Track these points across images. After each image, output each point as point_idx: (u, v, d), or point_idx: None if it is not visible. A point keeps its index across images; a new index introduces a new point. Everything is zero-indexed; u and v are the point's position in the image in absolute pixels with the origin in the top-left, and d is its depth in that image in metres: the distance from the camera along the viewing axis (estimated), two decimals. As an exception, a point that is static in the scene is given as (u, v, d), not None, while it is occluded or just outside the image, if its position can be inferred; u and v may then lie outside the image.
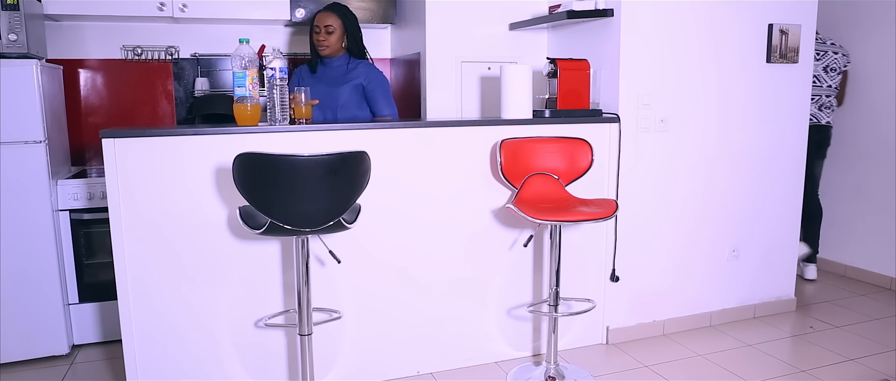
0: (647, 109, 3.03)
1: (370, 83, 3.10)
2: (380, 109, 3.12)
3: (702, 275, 3.31)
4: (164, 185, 2.38)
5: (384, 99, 3.12)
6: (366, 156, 2.05)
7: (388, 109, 3.12)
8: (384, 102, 3.11)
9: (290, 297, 2.59)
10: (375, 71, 3.14)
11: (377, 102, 3.11)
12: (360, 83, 3.10)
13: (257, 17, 3.48)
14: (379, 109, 3.12)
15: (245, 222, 2.08)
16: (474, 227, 2.80)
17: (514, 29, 3.59)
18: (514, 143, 2.70)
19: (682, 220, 3.21)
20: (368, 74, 3.11)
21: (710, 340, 3.17)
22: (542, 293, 2.98)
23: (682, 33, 3.05)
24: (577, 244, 3.00)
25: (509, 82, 2.85)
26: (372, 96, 3.11)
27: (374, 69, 3.15)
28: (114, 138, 2.31)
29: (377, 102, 3.11)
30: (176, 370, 2.50)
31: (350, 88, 3.08)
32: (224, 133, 2.42)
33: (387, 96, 3.13)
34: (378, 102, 3.11)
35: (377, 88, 3.11)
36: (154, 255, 2.41)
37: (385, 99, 3.12)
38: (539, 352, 3.02)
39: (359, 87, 3.10)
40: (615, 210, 2.45)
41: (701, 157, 3.19)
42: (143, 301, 2.42)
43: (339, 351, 2.69)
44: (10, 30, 2.74)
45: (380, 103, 3.11)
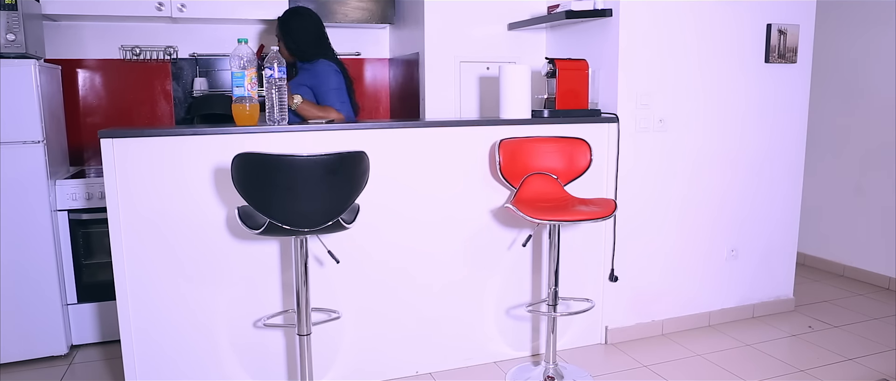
0: (645, 109, 3.03)
1: (316, 82, 3.00)
2: (328, 105, 2.99)
3: (701, 275, 3.31)
4: (163, 185, 2.38)
5: (334, 95, 2.99)
6: (364, 156, 2.05)
7: (338, 106, 2.99)
8: (334, 98, 2.99)
9: (288, 297, 2.59)
10: (325, 69, 3.02)
11: (325, 100, 2.99)
12: (306, 84, 3.01)
13: (255, 17, 3.47)
14: (328, 105, 3.00)
15: (244, 222, 2.08)
16: (473, 227, 2.80)
17: (513, 29, 3.59)
18: (512, 143, 2.70)
19: (680, 220, 3.21)
20: (315, 74, 3.02)
21: (709, 340, 3.17)
22: (541, 293, 2.98)
23: (681, 33, 3.05)
24: (575, 244, 3.00)
25: (508, 82, 2.85)
26: (319, 95, 3.00)
27: (324, 68, 3.03)
28: (112, 138, 2.31)
29: (325, 99, 2.99)
30: (175, 370, 2.50)
31: (294, 90, 2.97)
32: (223, 133, 2.42)
33: (337, 94, 3.01)
34: (326, 99, 2.99)
35: (322, 86, 2.99)
36: (153, 255, 2.40)
37: (335, 96, 3.00)
38: (538, 352, 3.02)
39: (303, 87, 3.00)
40: (614, 210, 2.45)
41: (699, 157, 3.19)
42: (142, 301, 2.42)
43: (337, 351, 2.69)
44: (8, 30, 2.74)
45: (328, 100, 2.99)
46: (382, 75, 4.12)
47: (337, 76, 3.03)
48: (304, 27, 3.06)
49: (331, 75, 3.02)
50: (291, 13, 3.09)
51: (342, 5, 3.66)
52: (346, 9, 3.66)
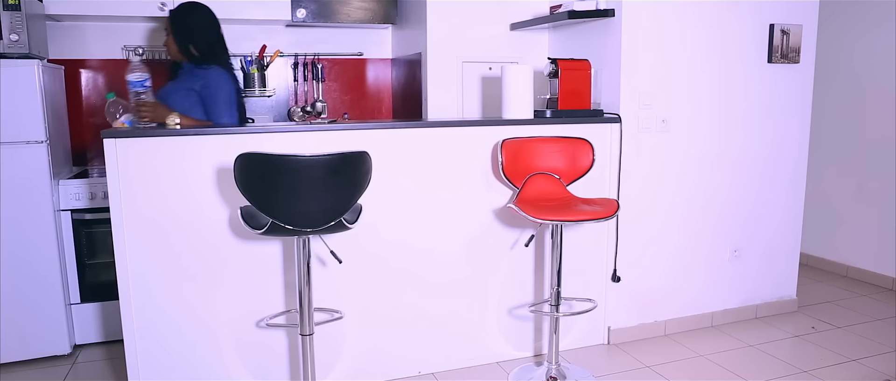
0: (648, 109, 3.03)
1: (205, 89, 2.75)
2: (217, 116, 2.76)
3: (703, 275, 3.31)
4: (166, 185, 2.38)
5: (223, 106, 2.75)
6: (367, 156, 2.05)
7: (227, 116, 2.76)
8: (223, 109, 2.75)
9: (291, 297, 2.59)
10: (216, 77, 2.77)
11: (213, 108, 2.75)
12: (195, 89, 2.77)
13: (258, 17, 3.48)
14: (216, 116, 2.77)
15: (246, 222, 2.08)
16: (475, 227, 2.80)
17: (516, 29, 3.59)
18: (515, 143, 2.70)
19: (683, 220, 3.20)
20: (207, 81, 2.76)
21: (712, 340, 3.17)
22: (544, 293, 2.98)
23: (684, 33, 3.05)
24: (578, 244, 3.00)
25: (510, 82, 2.85)
26: (208, 105, 2.76)
27: (215, 75, 2.78)
28: (115, 138, 2.31)
29: (214, 109, 2.75)
30: (177, 370, 2.50)
31: (182, 94, 2.77)
32: (225, 133, 2.42)
33: (227, 105, 2.76)
34: (215, 109, 2.75)
35: (213, 96, 2.75)
36: (155, 255, 2.41)
37: (224, 106, 2.75)
38: (540, 352, 3.01)
39: (192, 92, 2.76)
40: (616, 210, 2.45)
41: (702, 157, 3.19)
42: (145, 301, 2.43)
43: (340, 351, 2.69)
44: (11, 30, 2.74)
45: (217, 110, 2.75)
46: (385, 76, 4.13)
47: (228, 85, 2.80)
48: (201, 25, 2.82)
49: (223, 85, 2.77)
50: (188, 7, 2.83)
51: (344, 5, 3.66)
52: (348, 9, 3.67)
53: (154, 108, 2.51)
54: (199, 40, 2.79)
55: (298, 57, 3.92)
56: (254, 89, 3.82)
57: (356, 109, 4.10)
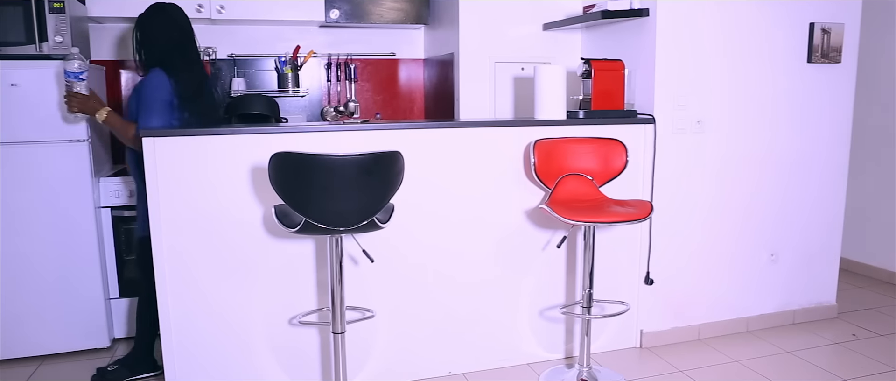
0: (683, 109, 2.98)
1: (141, 91, 2.60)
2: (144, 118, 2.55)
3: (739, 279, 3.25)
4: (202, 183, 2.42)
5: (151, 107, 2.56)
6: (399, 156, 2.06)
7: (154, 119, 2.55)
8: (150, 110, 2.55)
9: (323, 295, 2.62)
10: (149, 79, 2.59)
11: (142, 109, 2.57)
12: (137, 90, 2.63)
13: (292, 17, 3.52)
14: (142, 117, 2.56)
15: (280, 221, 2.10)
16: (507, 227, 2.79)
17: (548, 29, 3.57)
18: (547, 143, 2.69)
19: (718, 222, 3.15)
20: (143, 82, 2.61)
21: (747, 346, 3.11)
22: (575, 295, 2.96)
23: (720, 33, 3.00)
24: (610, 246, 2.97)
25: (543, 83, 2.84)
26: (141, 105, 2.58)
27: (150, 77, 2.59)
28: (154, 138, 2.36)
29: (142, 110, 2.56)
30: (212, 365, 2.54)
31: (133, 99, 2.64)
32: (260, 133, 2.45)
33: (156, 105, 2.56)
34: (143, 110, 2.56)
35: (143, 97, 2.58)
36: (192, 252, 2.45)
37: (152, 107, 2.56)
38: (571, 355, 2.99)
39: (135, 93, 2.64)
40: (650, 212, 2.42)
41: (739, 158, 3.13)
42: (181, 297, 2.47)
43: (371, 350, 2.71)
44: (56, 32, 2.82)
45: (145, 112, 2.55)
46: (417, 76, 4.14)
47: (162, 88, 2.57)
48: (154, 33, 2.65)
49: (155, 86, 2.58)
50: (144, 15, 2.68)
51: (377, 6, 3.68)
52: (381, 9, 3.69)
53: (84, 100, 2.53)
54: (150, 47, 2.64)
55: (331, 57, 3.96)
56: (287, 89, 3.87)
57: (388, 109, 4.13)
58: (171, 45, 2.65)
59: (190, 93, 2.61)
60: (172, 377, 2.51)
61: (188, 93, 2.61)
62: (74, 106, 2.53)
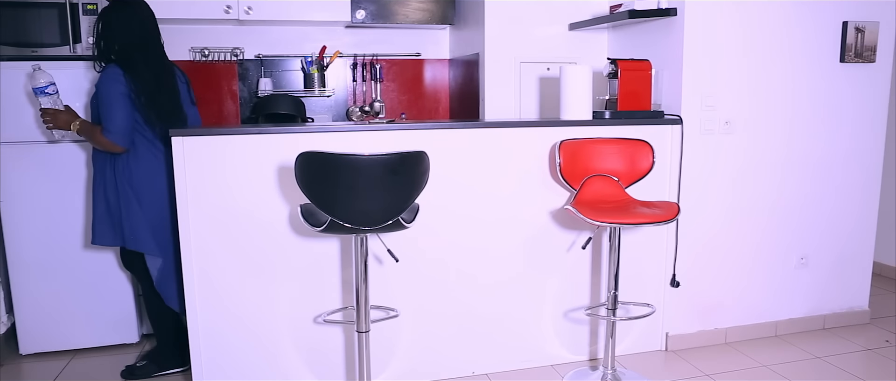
0: (711, 110, 2.95)
1: (98, 90, 2.53)
2: (104, 117, 2.50)
3: (767, 282, 3.19)
4: (229, 182, 2.45)
5: (108, 106, 2.49)
6: (425, 156, 2.06)
7: (113, 118, 2.48)
8: (108, 109, 2.49)
9: (348, 294, 2.63)
10: (104, 77, 2.50)
11: (102, 109, 2.51)
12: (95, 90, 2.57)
13: (318, 18, 3.55)
14: (103, 117, 2.51)
15: (306, 220, 2.12)
16: (532, 228, 2.78)
17: (574, 29, 3.55)
18: (573, 144, 2.67)
19: (747, 225, 3.10)
20: (98, 81, 2.53)
21: (776, 350, 3.06)
22: (600, 297, 2.93)
23: (750, 32, 2.95)
24: (636, 248, 2.94)
25: (569, 83, 2.82)
26: (99, 105, 2.53)
27: (105, 74, 2.51)
28: (182, 137, 2.39)
29: (102, 109, 2.51)
30: (238, 361, 2.57)
31: (94, 99, 2.58)
32: (286, 132, 2.48)
33: (105, 104, 2.49)
34: (103, 109, 2.50)
35: (99, 95, 2.51)
36: (219, 250, 2.48)
37: (109, 105, 2.49)
38: (596, 357, 2.97)
39: (95, 97, 2.57)
40: (677, 213, 2.40)
41: (768, 160, 3.08)
42: (208, 294, 2.51)
43: (394, 350, 2.71)
44: (90, 33, 2.88)
45: (104, 111, 2.50)
46: (442, 76, 4.14)
47: (117, 85, 2.49)
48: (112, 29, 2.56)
49: (104, 84, 2.49)
50: (104, 10, 2.58)
51: (403, 6, 3.69)
52: (406, 10, 3.70)
53: (54, 116, 2.55)
54: (109, 42, 2.56)
55: (357, 57, 3.98)
56: (314, 89, 3.90)
57: (413, 109, 4.14)
58: (130, 42, 2.56)
59: (146, 90, 2.53)
60: (199, 376, 2.54)
61: (145, 90, 2.52)
62: (48, 122, 2.55)
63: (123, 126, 2.49)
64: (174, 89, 2.68)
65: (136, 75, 2.52)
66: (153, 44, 2.64)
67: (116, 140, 2.48)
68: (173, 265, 2.70)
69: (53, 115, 2.54)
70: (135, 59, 2.55)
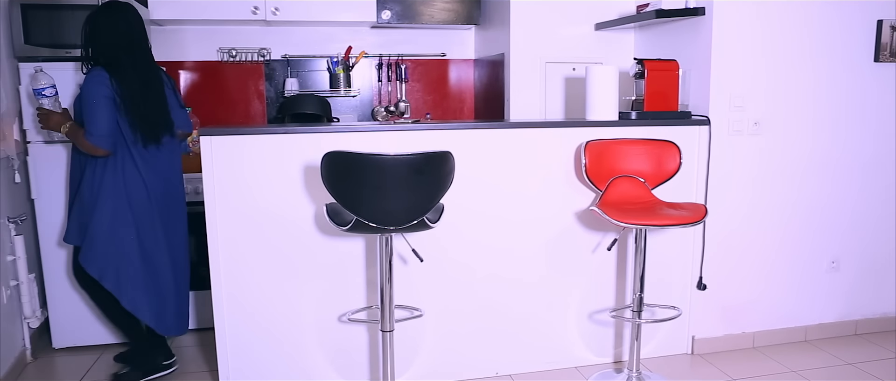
0: (739, 111, 2.90)
1: (82, 92, 2.53)
2: (87, 120, 2.48)
3: (797, 286, 3.14)
4: (256, 181, 2.48)
5: (90, 108, 2.47)
6: (450, 156, 2.06)
7: (95, 121, 2.45)
8: (91, 111, 2.47)
9: (372, 294, 2.64)
10: (88, 79, 2.49)
11: (84, 112, 2.49)
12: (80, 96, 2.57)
13: (344, 19, 3.57)
14: (86, 120, 2.48)
15: (332, 219, 2.14)
16: (557, 229, 2.77)
17: (600, 29, 3.52)
18: (599, 144, 2.65)
19: (776, 227, 3.05)
20: (84, 83, 2.53)
21: (805, 356, 3.00)
22: (625, 299, 2.91)
23: (779, 31, 2.90)
24: (662, 250, 2.91)
25: (595, 83, 2.80)
26: (83, 108, 2.51)
27: (90, 77, 2.50)
28: (211, 136, 2.43)
29: (85, 112, 2.49)
30: (263, 358, 2.60)
31: (77, 102, 2.59)
32: (312, 132, 2.50)
33: (89, 106, 2.47)
34: (85, 112, 2.49)
35: (83, 98, 2.51)
36: (246, 248, 2.51)
37: (92, 108, 2.47)
38: (620, 359, 2.95)
39: (79, 99, 2.57)
40: (704, 215, 2.37)
41: (798, 161, 3.03)
42: (235, 292, 2.54)
43: (418, 349, 2.72)
44: None
45: (86, 113, 2.48)
46: (467, 76, 4.14)
47: (101, 87, 2.47)
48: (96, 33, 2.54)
49: (89, 90, 2.47)
50: (91, 14, 2.57)
51: (428, 6, 3.70)
52: (432, 10, 3.70)
53: (46, 117, 2.57)
54: (96, 45, 2.55)
55: (383, 58, 4.00)
56: (339, 89, 3.92)
57: (438, 109, 4.14)
58: (118, 44, 2.53)
59: (132, 94, 2.50)
60: (226, 374, 2.57)
61: (131, 94, 2.50)
62: (42, 125, 2.59)
63: (106, 130, 2.47)
64: (161, 94, 2.64)
65: (122, 79, 2.50)
66: (140, 47, 2.61)
67: (99, 143, 2.45)
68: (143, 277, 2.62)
69: (46, 115, 2.57)
70: (122, 63, 2.52)
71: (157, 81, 2.65)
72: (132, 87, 2.52)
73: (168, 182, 2.69)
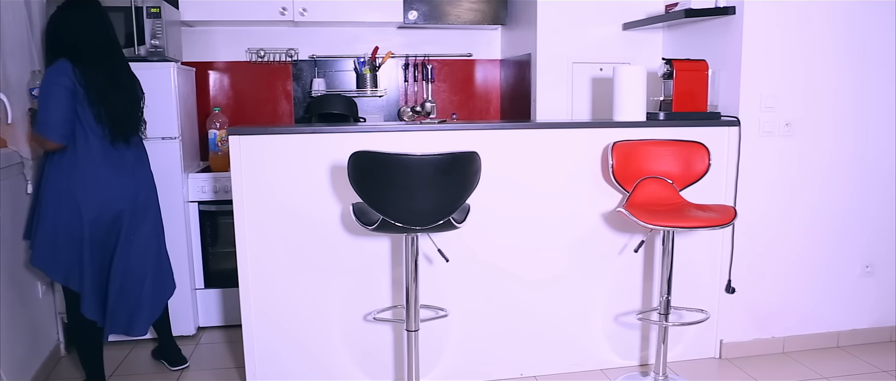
0: (770, 111, 2.86)
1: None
2: (40, 113, 2.40)
3: (829, 291, 3.08)
4: (283, 180, 2.50)
5: (41, 100, 2.39)
6: (476, 156, 2.06)
7: (45, 115, 2.37)
8: (41, 103, 2.39)
9: (398, 293, 2.65)
10: (48, 69, 2.41)
11: (39, 104, 2.42)
12: None
13: (371, 19, 3.59)
14: (40, 112, 2.41)
15: (358, 219, 2.15)
16: (583, 230, 2.75)
17: (628, 29, 3.49)
18: (626, 145, 2.63)
19: (807, 231, 3.00)
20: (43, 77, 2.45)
21: (838, 362, 2.94)
22: (652, 301, 2.88)
23: (812, 30, 2.85)
24: (690, 252, 2.88)
25: (622, 84, 2.78)
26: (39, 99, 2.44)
27: (50, 69, 2.40)
28: (239, 136, 2.46)
29: (39, 104, 2.42)
30: (289, 356, 2.62)
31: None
32: (339, 132, 2.51)
33: (41, 99, 2.40)
34: (40, 104, 2.41)
35: (41, 90, 2.42)
36: (273, 246, 2.54)
37: (42, 100, 2.39)
38: (647, 362, 2.92)
39: None
40: (733, 217, 2.34)
41: (831, 164, 2.97)
42: (262, 290, 2.56)
43: (443, 350, 2.72)
44: (152, 36, 2.98)
45: (40, 105, 2.41)
46: (493, 76, 4.14)
47: (65, 74, 2.37)
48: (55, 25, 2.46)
49: (57, 73, 2.37)
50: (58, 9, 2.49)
51: (455, 7, 3.70)
52: (458, 10, 3.71)
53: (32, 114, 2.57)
54: (59, 38, 2.46)
55: (409, 58, 4.01)
56: (366, 90, 3.94)
57: (464, 109, 4.14)
58: (90, 39, 2.46)
59: (98, 84, 2.42)
60: (252, 370, 2.60)
61: (95, 84, 2.41)
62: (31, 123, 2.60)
63: (57, 120, 2.34)
64: (132, 92, 2.57)
65: (86, 69, 2.40)
66: (104, 42, 2.50)
67: (46, 134, 2.34)
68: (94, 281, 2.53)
69: (34, 115, 2.56)
70: (92, 56, 2.44)
71: (131, 81, 2.59)
72: (98, 77, 2.42)
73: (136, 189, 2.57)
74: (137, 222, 2.59)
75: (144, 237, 2.62)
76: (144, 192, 2.63)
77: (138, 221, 2.59)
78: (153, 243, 2.67)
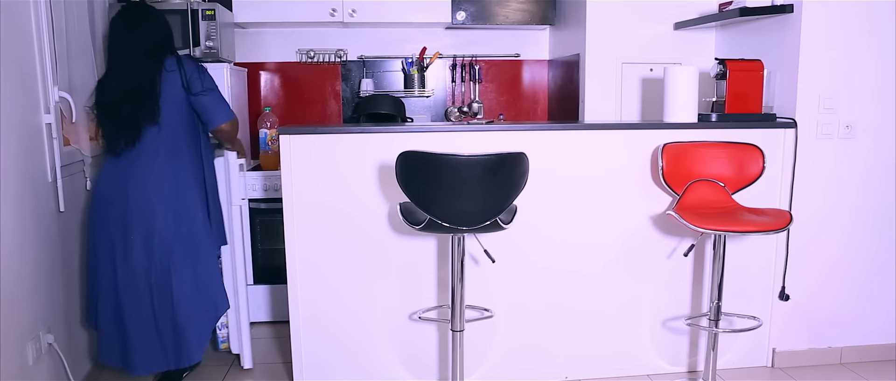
0: (829, 113, 2.76)
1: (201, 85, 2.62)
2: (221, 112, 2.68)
3: (890, 301, 2.96)
4: (332, 179, 2.54)
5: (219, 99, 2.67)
6: (524, 157, 2.06)
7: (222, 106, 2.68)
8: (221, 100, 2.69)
9: (443, 293, 2.66)
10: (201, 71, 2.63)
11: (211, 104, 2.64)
12: None
13: (419, 20, 3.61)
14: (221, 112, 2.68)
15: (405, 218, 2.17)
16: (631, 233, 2.72)
17: (679, 28, 3.42)
18: (677, 147, 2.58)
19: (867, 236, 2.89)
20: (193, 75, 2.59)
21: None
22: (702, 307, 2.82)
23: (876, 29, 2.74)
24: (742, 257, 2.81)
25: (673, 84, 2.73)
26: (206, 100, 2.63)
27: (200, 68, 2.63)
28: (290, 135, 2.50)
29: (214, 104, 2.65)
30: (336, 353, 2.66)
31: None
32: (387, 132, 2.54)
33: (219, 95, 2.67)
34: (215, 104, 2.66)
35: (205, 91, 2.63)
36: (321, 244, 2.58)
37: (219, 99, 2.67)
38: (695, 369, 2.86)
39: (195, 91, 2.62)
40: (789, 222, 2.27)
41: (894, 167, 2.85)
42: (309, 288, 2.61)
43: (487, 350, 2.72)
44: (207, 37, 3.07)
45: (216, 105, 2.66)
46: (541, 77, 4.11)
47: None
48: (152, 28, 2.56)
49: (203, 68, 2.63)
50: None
51: (503, 7, 3.69)
52: (506, 11, 3.70)
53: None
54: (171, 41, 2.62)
55: (456, 58, 4.02)
56: (413, 90, 3.97)
57: (512, 110, 4.13)
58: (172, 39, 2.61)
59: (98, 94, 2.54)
60: (299, 366, 2.65)
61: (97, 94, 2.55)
62: None
63: None
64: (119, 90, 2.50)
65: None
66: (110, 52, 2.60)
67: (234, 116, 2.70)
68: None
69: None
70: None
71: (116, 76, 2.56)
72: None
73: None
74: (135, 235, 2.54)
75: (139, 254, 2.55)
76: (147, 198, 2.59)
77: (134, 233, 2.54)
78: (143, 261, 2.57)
